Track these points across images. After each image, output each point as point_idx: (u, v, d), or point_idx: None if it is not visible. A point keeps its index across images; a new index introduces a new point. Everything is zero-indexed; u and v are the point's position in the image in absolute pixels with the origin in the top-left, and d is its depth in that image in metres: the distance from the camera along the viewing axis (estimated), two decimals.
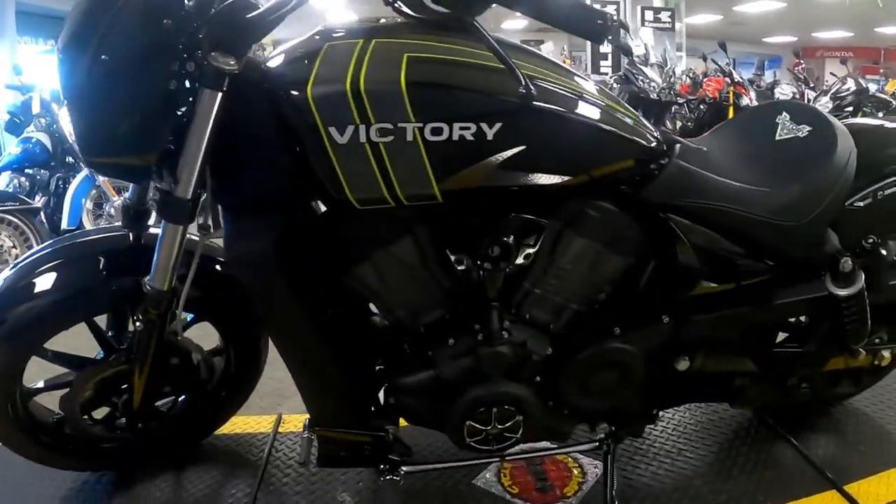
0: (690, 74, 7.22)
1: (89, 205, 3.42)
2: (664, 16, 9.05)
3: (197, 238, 1.11)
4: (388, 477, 1.22)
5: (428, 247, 1.10)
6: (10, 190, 3.15)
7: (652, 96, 5.51)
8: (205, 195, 1.04)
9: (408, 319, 1.14)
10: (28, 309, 1.22)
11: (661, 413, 1.34)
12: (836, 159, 1.20)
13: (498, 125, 0.96)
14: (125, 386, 1.31)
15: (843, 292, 1.24)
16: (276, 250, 1.04)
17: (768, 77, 7.92)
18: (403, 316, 1.14)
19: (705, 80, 6.65)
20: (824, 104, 5.22)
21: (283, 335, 1.15)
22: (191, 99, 0.97)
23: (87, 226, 3.34)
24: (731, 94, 6.12)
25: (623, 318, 1.18)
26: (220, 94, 0.94)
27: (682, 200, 1.13)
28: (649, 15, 8.81)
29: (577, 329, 1.18)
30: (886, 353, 1.44)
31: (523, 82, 0.95)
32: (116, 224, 1.43)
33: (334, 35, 1.01)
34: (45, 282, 1.25)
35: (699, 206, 1.14)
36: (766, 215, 1.16)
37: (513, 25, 15.58)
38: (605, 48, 5.66)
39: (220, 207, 1.10)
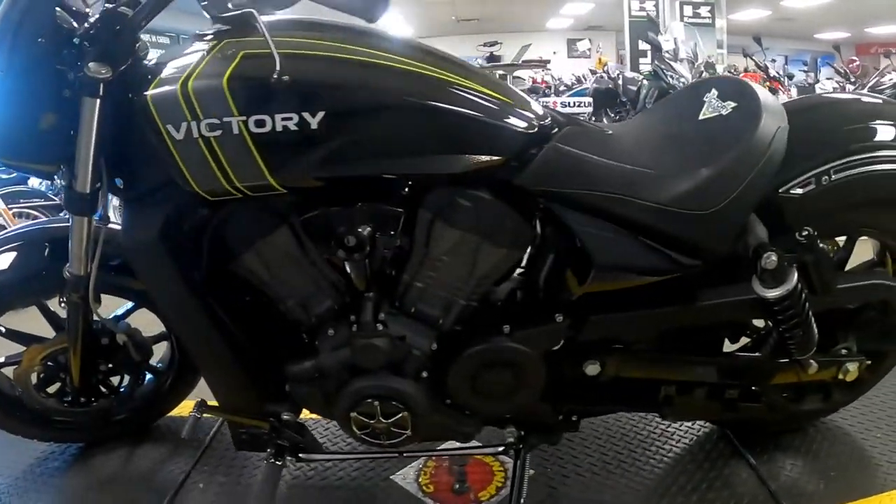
0: (731, 71, 6.75)
1: (115, 201, 3.65)
2: (703, 11, 8.68)
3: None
4: (270, 461, 1.22)
5: (305, 237, 1.10)
6: (43, 188, 3.44)
7: None
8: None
9: (298, 310, 1.14)
10: None
11: (612, 418, 1.31)
12: (756, 139, 1.05)
13: (321, 114, 0.94)
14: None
15: (770, 293, 1.08)
16: (161, 240, 1.07)
17: (825, 73, 7.27)
18: (293, 306, 1.14)
19: (741, 75, 6.19)
20: None
21: (176, 321, 1.19)
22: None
23: (113, 219, 3.56)
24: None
25: (514, 316, 1.12)
26: (97, 101, 1.01)
27: (562, 187, 1.03)
28: (688, 10, 8.45)
29: (467, 325, 1.13)
30: (852, 367, 1.28)
31: (278, 66, 0.90)
32: None
33: (205, 38, 1.04)
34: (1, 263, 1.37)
35: (581, 193, 1.03)
36: (666, 203, 1.03)
37: (558, 25, 15.36)
38: (644, 45, 5.40)
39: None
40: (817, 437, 1.50)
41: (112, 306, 1.47)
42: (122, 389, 1.55)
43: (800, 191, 1.13)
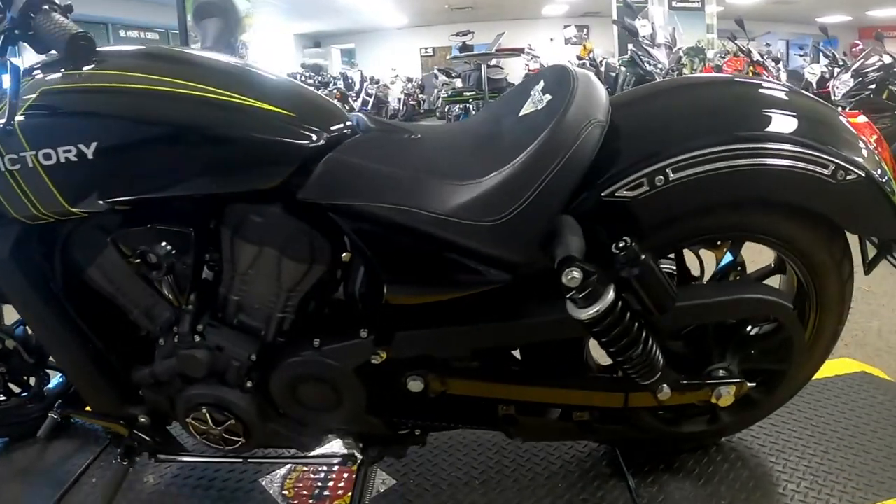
0: (723, 55, 6.62)
1: None
2: None
3: None
4: (117, 461, 1.23)
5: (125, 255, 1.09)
6: None
7: (658, 79, 5.06)
8: None
9: (143, 319, 1.16)
10: None
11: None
12: (553, 138, 0.96)
13: (94, 144, 0.94)
14: None
15: (581, 314, 0.96)
16: (12, 256, 1.09)
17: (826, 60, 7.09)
18: (138, 315, 1.16)
19: (724, 60, 6.07)
20: (844, 81, 4.55)
21: (36, 330, 1.22)
22: None
23: None
24: (749, 74, 5.53)
25: (324, 330, 1.09)
26: None
27: (341, 200, 0.99)
28: None
29: (287, 337, 1.11)
30: (727, 392, 1.17)
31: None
32: None
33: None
34: None
35: (363, 205, 0.99)
36: (451, 213, 0.96)
37: (555, 11, 15.15)
38: (645, 30, 5.25)
39: None
40: (718, 458, 1.41)
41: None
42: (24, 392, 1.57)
43: (628, 193, 1.02)
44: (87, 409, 1.28)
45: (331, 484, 1.40)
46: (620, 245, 0.99)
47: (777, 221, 1.12)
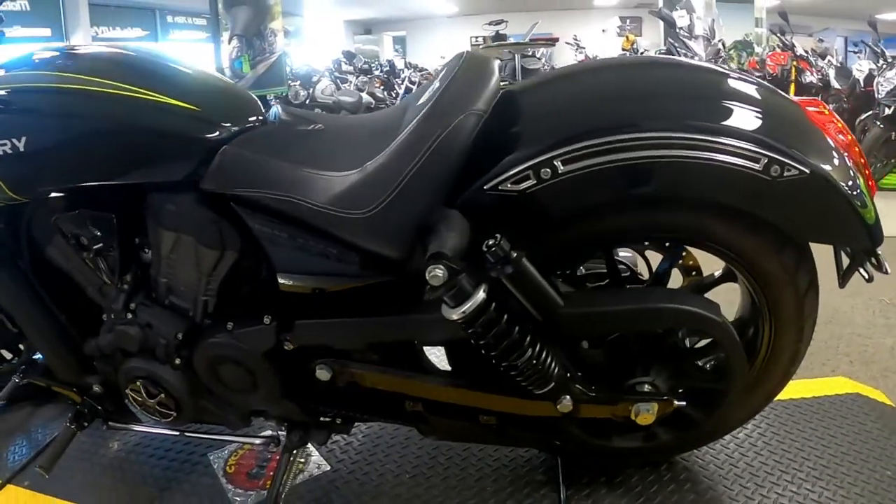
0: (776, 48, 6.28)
1: None
2: None
3: None
4: (67, 424, 1.30)
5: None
6: None
7: None
8: None
9: (96, 296, 1.24)
10: None
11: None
12: (419, 128, 0.93)
13: (24, 139, 1.02)
14: None
15: (450, 314, 0.94)
16: None
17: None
18: (92, 293, 1.24)
19: (768, 55, 5.77)
20: (889, 79, 4.27)
21: (4, 301, 1.30)
22: None
23: None
24: (793, 70, 5.24)
25: (240, 314, 1.13)
26: None
27: (235, 189, 1.03)
28: None
29: (210, 318, 1.16)
30: (647, 409, 1.10)
31: None
32: None
33: None
34: None
35: (255, 194, 1.02)
36: (328, 204, 0.97)
37: (606, 2, 14.66)
38: (683, 21, 5.06)
39: None
40: (666, 477, 1.35)
41: None
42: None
43: (513, 187, 0.94)
44: None
45: (268, 465, 1.45)
46: (489, 242, 0.94)
47: (704, 223, 1.02)
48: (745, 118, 0.95)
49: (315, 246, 1.02)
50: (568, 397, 1.08)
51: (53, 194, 1.14)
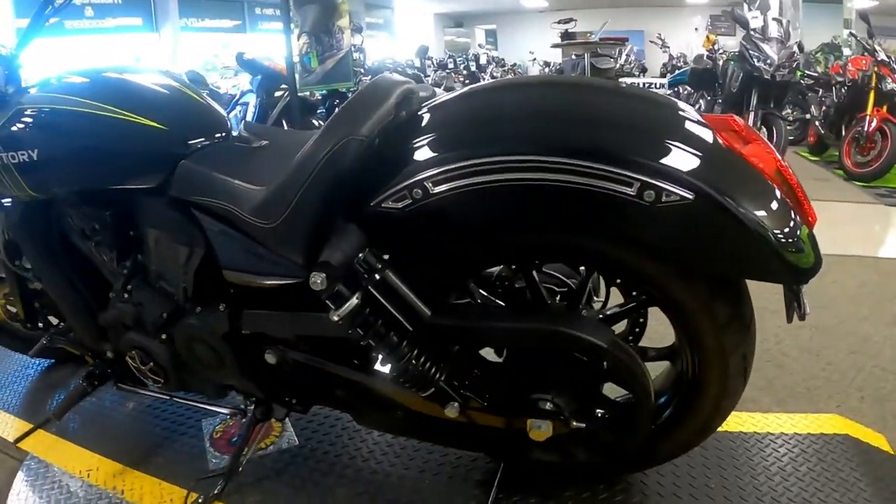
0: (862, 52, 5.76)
1: None
2: None
3: None
4: (80, 382, 1.53)
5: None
6: None
7: (765, 77, 4.54)
8: None
9: (109, 276, 1.46)
10: None
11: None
12: (309, 151, 1.03)
13: (36, 151, 1.25)
14: None
15: (331, 315, 1.04)
16: (21, 222, 1.46)
17: None
18: (107, 274, 1.46)
19: (850, 59, 5.30)
20: None
21: (38, 274, 1.54)
22: None
23: None
24: (873, 76, 4.79)
25: (205, 301, 1.30)
26: None
27: (190, 197, 1.23)
28: None
29: (189, 303, 1.33)
30: (542, 425, 1.11)
31: None
32: None
33: None
34: None
35: (205, 202, 1.21)
36: (250, 214, 1.11)
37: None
38: (756, 21, 4.79)
39: None
40: (602, 496, 1.34)
41: None
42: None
43: (394, 205, 1.00)
44: None
45: (253, 434, 1.58)
46: (360, 256, 1.04)
47: (596, 248, 1.01)
48: (625, 141, 0.92)
49: (248, 247, 1.17)
50: (455, 403, 1.15)
51: (66, 193, 1.36)
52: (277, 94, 4.75)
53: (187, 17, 10.34)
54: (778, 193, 0.93)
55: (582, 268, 1.24)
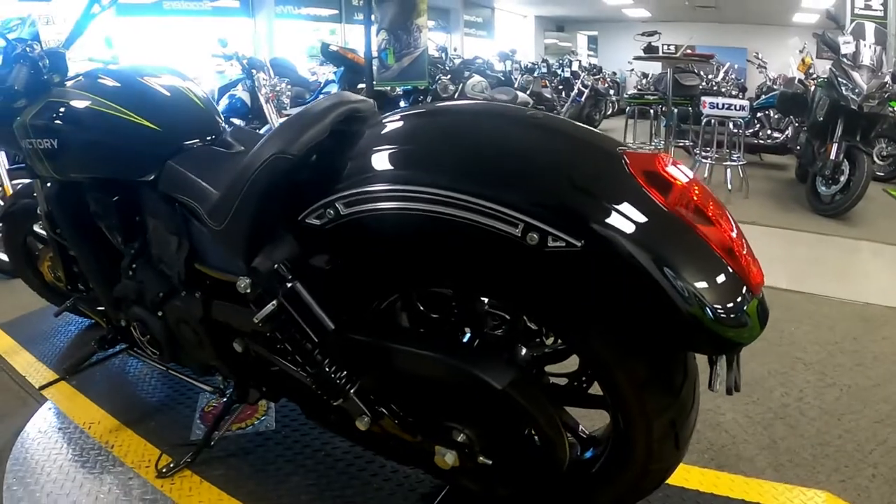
0: None
1: None
2: (875, 2, 6.45)
3: None
4: (92, 343, 1.72)
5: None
6: None
7: (852, 106, 4.21)
8: None
9: (121, 254, 1.62)
10: None
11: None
12: (243, 166, 1.11)
13: (56, 139, 1.42)
14: None
15: (254, 318, 1.13)
16: (56, 199, 1.66)
17: None
18: (123, 250, 1.61)
19: None
20: None
21: (71, 245, 1.74)
22: None
23: None
24: None
25: (190, 287, 1.42)
26: None
27: (174, 193, 1.35)
28: (859, 1, 6.42)
29: (181, 285, 1.45)
30: (445, 454, 1.10)
31: None
32: None
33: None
34: None
35: (185, 199, 1.31)
36: (207, 216, 1.21)
37: (805, 19, 12.61)
38: (848, 48, 4.41)
39: None
40: None
41: None
42: None
43: (315, 221, 1.05)
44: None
45: (243, 413, 1.74)
46: (275, 267, 1.11)
47: (491, 288, 1.02)
48: (518, 179, 0.88)
49: (211, 243, 1.30)
50: (367, 417, 1.18)
51: (81, 179, 1.52)
52: (360, 86, 4.78)
53: (283, 4, 10.40)
54: (708, 250, 0.83)
55: None
